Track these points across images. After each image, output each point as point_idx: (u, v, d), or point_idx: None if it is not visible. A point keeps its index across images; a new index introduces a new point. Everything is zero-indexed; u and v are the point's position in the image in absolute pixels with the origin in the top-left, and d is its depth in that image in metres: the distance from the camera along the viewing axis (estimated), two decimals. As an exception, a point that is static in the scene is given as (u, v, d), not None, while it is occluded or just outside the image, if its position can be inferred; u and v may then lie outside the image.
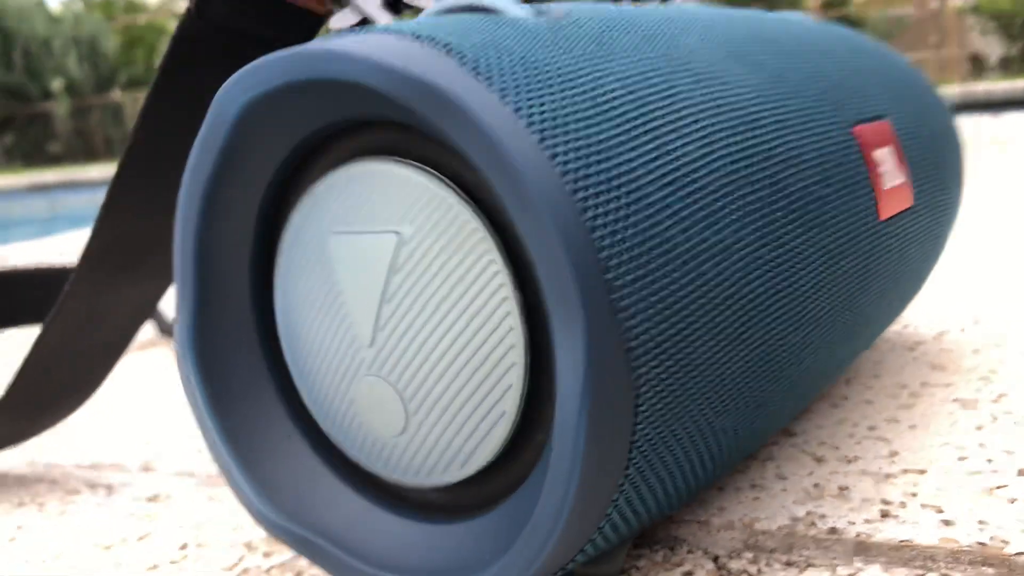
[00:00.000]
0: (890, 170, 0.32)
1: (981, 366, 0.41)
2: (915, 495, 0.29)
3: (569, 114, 0.21)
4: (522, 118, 0.20)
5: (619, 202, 0.20)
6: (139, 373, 0.59)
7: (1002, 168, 1.15)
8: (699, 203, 0.22)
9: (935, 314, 0.50)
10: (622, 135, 0.21)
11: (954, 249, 0.66)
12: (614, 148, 0.21)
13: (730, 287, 0.22)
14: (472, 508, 0.24)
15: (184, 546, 0.32)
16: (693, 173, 0.22)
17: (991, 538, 0.26)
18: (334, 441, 0.27)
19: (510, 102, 0.20)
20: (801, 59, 0.31)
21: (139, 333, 0.68)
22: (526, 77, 0.21)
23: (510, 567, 0.21)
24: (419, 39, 0.21)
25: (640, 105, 0.22)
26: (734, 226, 0.23)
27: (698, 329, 0.21)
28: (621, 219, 0.20)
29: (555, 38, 0.23)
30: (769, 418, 0.26)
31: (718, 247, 0.22)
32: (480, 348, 0.22)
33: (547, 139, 0.20)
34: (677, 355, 0.21)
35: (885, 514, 0.28)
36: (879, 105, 0.33)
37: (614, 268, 0.20)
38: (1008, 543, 0.26)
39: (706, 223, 0.22)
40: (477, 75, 0.21)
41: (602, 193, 0.20)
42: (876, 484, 0.30)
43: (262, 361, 0.27)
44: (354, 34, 0.22)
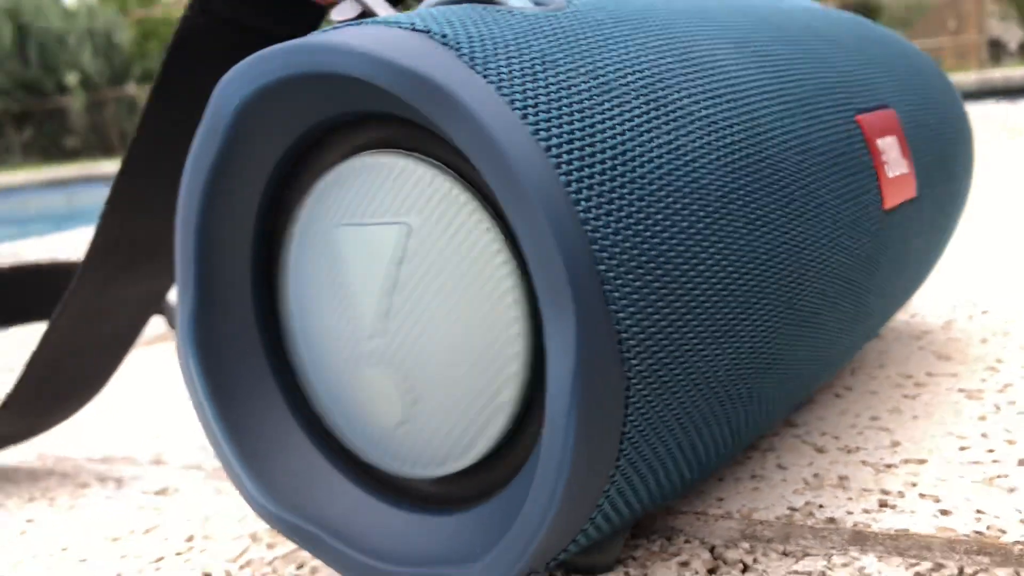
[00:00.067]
0: (894, 159, 0.32)
1: (988, 355, 0.40)
2: (915, 485, 0.29)
3: (564, 106, 0.21)
4: (516, 110, 0.20)
5: (612, 194, 0.20)
6: (150, 367, 0.60)
7: (1013, 156, 1.14)
8: (694, 194, 0.22)
9: (943, 303, 0.50)
10: (617, 127, 0.21)
11: (963, 238, 0.66)
12: (608, 140, 0.21)
13: (725, 278, 0.22)
14: (470, 499, 0.25)
15: (191, 538, 0.33)
16: (689, 164, 0.22)
17: (988, 527, 0.26)
18: (337, 433, 0.27)
19: (505, 94, 0.20)
20: (806, 47, 0.31)
21: (148, 327, 0.69)
22: (521, 69, 0.21)
23: (503, 556, 0.21)
24: (416, 31, 0.22)
25: (636, 96, 0.22)
26: (730, 216, 0.23)
27: (691, 321, 0.21)
28: (614, 211, 0.20)
29: (553, 28, 0.23)
30: (766, 409, 0.26)
31: (713, 238, 0.22)
32: (484, 338, 0.22)
33: (541, 131, 0.20)
34: (669, 346, 0.21)
35: (883, 504, 0.28)
36: (884, 94, 0.33)
37: (606, 260, 0.20)
38: (1005, 532, 0.26)
39: (701, 215, 0.22)
40: (473, 67, 0.21)
41: (595, 185, 0.20)
42: (876, 474, 0.30)
43: (262, 355, 0.28)
44: (352, 26, 0.23)
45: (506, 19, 0.23)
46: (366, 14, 0.31)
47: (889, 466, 0.31)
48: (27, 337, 0.62)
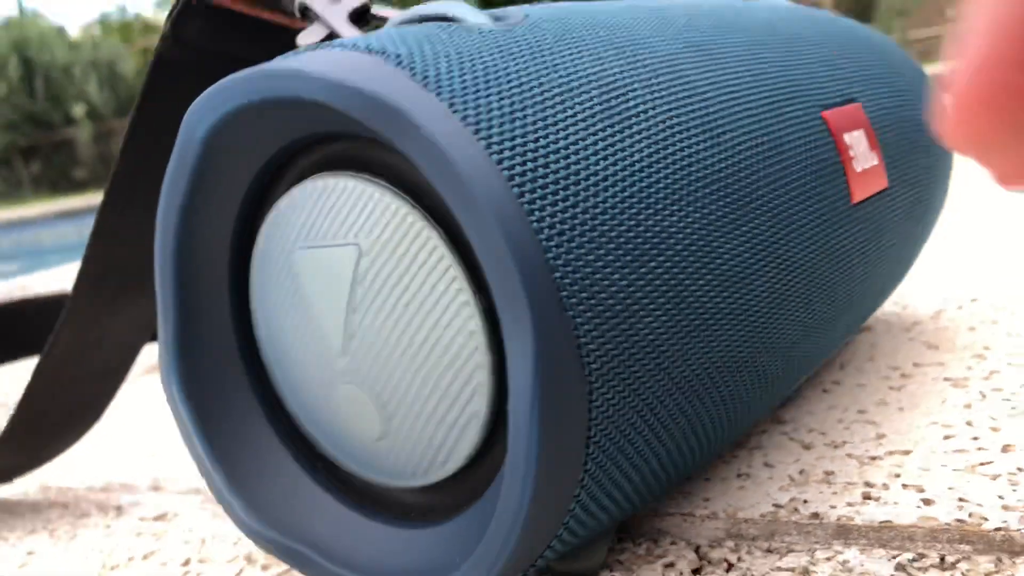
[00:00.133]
0: (862, 152, 0.32)
1: (976, 343, 0.41)
2: (898, 476, 0.29)
3: (517, 120, 0.21)
4: (469, 126, 0.20)
5: (565, 203, 0.20)
6: (148, 395, 0.60)
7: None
8: (649, 199, 0.22)
9: (935, 294, 0.50)
10: (569, 137, 0.21)
11: (953, 227, 0.66)
12: (561, 151, 0.21)
13: (685, 280, 0.22)
14: (451, 509, 0.25)
15: (187, 562, 0.33)
16: (644, 171, 0.22)
17: (970, 515, 0.26)
18: (323, 450, 0.27)
19: (458, 111, 0.21)
20: (767, 46, 0.31)
21: (145, 356, 0.69)
22: (475, 85, 0.21)
23: (477, 566, 0.21)
24: (371, 52, 0.22)
25: (591, 106, 0.23)
26: (689, 219, 0.23)
27: (651, 322, 0.22)
28: (568, 219, 0.20)
29: (508, 43, 0.23)
30: (743, 408, 0.26)
31: (671, 240, 0.22)
32: (446, 352, 0.23)
33: (494, 145, 0.20)
34: (631, 349, 0.21)
35: (867, 496, 0.28)
36: (851, 88, 0.33)
37: (561, 267, 0.20)
38: (987, 520, 0.26)
39: (657, 219, 0.22)
40: (426, 86, 0.21)
41: (548, 196, 0.20)
42: (860, 467, 0.30)
43: (245, 376, 0.28)
44: (310, 50, 0.23)
45: (462, 37, 0.23)
46: (333, 36, 0.32)
47: (874, 458, 0.31)
48: (25, 371, 0.63)
